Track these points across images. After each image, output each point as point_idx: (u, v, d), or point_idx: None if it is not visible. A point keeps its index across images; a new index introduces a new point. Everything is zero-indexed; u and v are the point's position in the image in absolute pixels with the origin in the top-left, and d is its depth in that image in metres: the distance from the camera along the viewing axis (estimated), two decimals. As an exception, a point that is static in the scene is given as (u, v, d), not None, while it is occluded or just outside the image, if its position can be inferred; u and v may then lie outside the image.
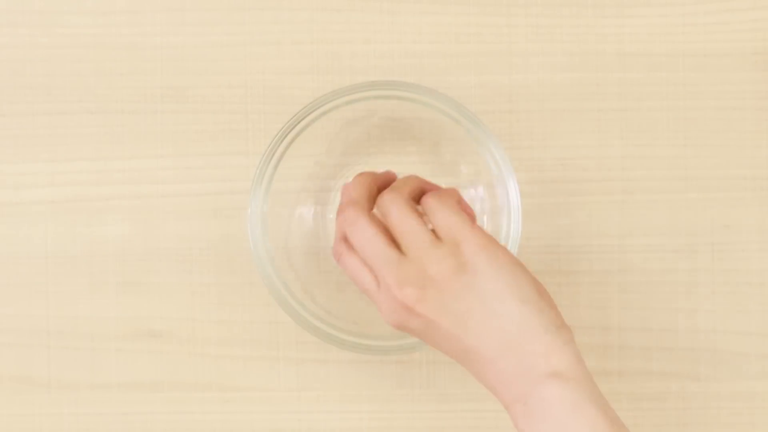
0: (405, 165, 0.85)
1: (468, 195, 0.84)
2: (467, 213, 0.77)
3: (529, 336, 0.71)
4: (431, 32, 0.87)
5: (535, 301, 0.72)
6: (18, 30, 0.87)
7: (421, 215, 0.75)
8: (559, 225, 0.87)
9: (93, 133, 0.87)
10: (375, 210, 0.77)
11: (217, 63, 0.87)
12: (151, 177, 0.87)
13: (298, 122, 0.80)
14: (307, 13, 0.87)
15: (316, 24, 0.87)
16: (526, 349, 0.71)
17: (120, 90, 0.87)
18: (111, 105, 0.87)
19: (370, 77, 0.87)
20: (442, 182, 0.82)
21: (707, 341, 0.87)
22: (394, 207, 0.75)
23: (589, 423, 0.69)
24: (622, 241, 0.87)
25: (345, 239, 0.76)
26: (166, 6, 0.87)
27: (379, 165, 0.85)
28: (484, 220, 0.84)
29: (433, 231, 0.74)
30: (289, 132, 0.81)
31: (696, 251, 0.87)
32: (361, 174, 0.79)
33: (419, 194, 0.78)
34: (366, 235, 0.74)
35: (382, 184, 0.79)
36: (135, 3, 0.87)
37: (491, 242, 0.73)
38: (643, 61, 0.87)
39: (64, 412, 0.87)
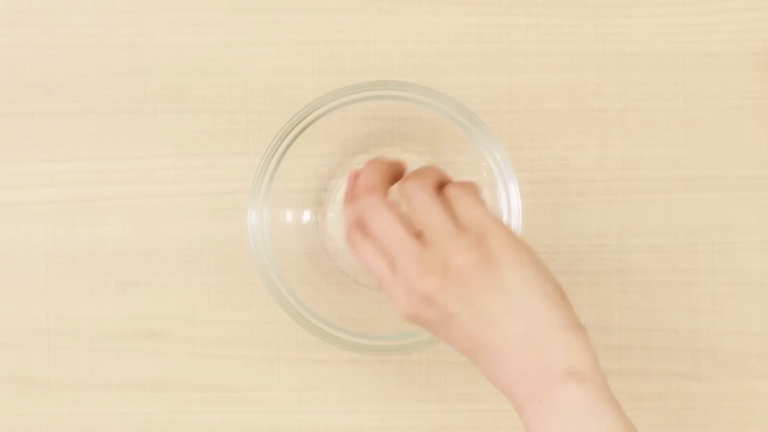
0: (405, 165, 0.85)
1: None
2: None
3: (549, 332, 0.69)
4: (431, 32, 0.87)
5: (556, 297, 0.70)
6: (18, 30, 0.87)
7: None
8: (559, 225, 0.87)
9: (93, 133, 0.87)
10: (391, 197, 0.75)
11: (217, 63, 0.87)
12: (151, 177, 0.87)
13: (298, 122, 0.80)
14: (307, 13, 0.87)
15: (316, 24, 0.87)
16: (545, 345, 0.69)
17: (120, 90, 0.87)
18: (111, 105, 0.87)
19: (370, 77, 0.87)
20: (442, 182, 0.82)
21: (707, 341, 0.87)
22: (421, 194, 0.73)
23: (607, 426, 0.67)
24: (622, 241, 0.87)
25: (359, 226, 0.74)
26: (166, 6, 0.87)
27: (379, 165, 0.85)
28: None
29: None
30: (289, 132, 0.80)
31: (696, 251, 0.87)
32: (374, 161, 0.77)
33: (439, 184, 0.75)
34: (387, 222, 0.72)
35: (395, 172, 0.77)
36: (135, 3, 0.87)
37: (516, 237, 0.71)
38: (643, 61, 0.87)
39: (64, 412, 0.87)
